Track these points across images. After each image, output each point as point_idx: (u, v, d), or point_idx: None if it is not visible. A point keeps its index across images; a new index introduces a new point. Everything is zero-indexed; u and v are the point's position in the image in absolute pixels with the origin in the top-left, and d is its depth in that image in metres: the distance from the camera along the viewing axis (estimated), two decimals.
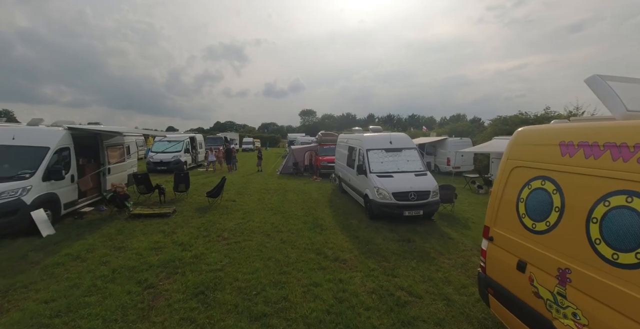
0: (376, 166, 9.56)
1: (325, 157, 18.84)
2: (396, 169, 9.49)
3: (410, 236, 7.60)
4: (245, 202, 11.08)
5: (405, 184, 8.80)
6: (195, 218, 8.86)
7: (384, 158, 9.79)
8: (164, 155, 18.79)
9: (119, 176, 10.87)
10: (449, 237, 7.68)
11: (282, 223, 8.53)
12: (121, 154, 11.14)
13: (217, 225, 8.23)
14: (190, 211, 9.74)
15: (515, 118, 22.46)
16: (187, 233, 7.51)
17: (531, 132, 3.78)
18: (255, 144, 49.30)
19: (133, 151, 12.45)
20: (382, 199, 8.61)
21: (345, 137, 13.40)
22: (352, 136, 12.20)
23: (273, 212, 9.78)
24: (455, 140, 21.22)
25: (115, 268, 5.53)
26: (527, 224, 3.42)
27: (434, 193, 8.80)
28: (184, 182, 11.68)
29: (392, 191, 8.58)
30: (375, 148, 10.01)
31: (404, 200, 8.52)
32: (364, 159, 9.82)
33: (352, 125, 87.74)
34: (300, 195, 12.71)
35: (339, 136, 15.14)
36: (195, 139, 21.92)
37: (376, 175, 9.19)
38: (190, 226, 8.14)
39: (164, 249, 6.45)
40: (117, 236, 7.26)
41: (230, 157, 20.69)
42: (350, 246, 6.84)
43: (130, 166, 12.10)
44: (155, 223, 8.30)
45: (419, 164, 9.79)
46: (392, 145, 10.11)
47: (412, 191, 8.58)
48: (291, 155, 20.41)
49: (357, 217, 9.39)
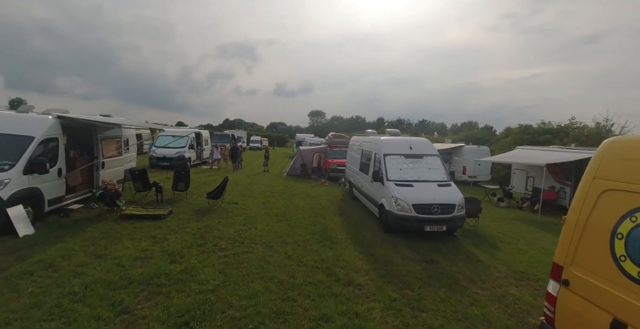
0: (394, 173, 8.61)
1: (335, 160, 17.93)
2: (417, 177, 8.53)
3: (433, 256, 6.64)
4: (248, 206, 10.21)
5: (427, 195, 7.85)
6: (192, 222, 8.01)
7: (403, 165, 8.84)
8: (168, 150, 18.05)
9: (114, 171, 10.09)
10: (477, 260, 6.71)
11: (288, 233, 7.64)
12: (118, 148, 10.36)
13: (214, 232, 7.36)
14: (188, 213, 8.89)
15: (539, 128, 21.33)
16: (180, 240, 6.65)
17: (632, 144, 2.82)
18: (262, 143, 48.53)
19: (132, 145, 11.67)
20: (401, 211, 7.66)
21: (359, 139, 12.48)
22: (367, 139, 11.27)
23: (278, 218, 8.89)
24: (472, 148, 20.15)
25: (90, 282, 4.67)
26: (631, 271, 2.47)
27: (459, 207, 7.83)
28: (184, 181, 10.86)
29: (413, 202, 7.63)
30: (394, 153, 9.06)
31: (425, 213, 7.56)
32: (381, 165, 8.89)
33: (361, 128, 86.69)
34: (307, 200, 11.81)
35: (351, 138, 14.22)
36: (200, 135, 21.18)
37: (394, 183, 8.25)
38: (185, 231, 7.28)
39: (150, 260, 5.59)
40: (101, 240, 6.43)
41: (236, 156, 19.89)
42: (365, 266, 5.91)
43: (129, 161, 11.32)
44: (146, 226, 7.47)
45: (443, 173, 8.82)
46: (412, 151, 9.16)
47: (435, 204, 7.62)
48: (299, 156, 19.54)
49: (371, 229, 8.45)
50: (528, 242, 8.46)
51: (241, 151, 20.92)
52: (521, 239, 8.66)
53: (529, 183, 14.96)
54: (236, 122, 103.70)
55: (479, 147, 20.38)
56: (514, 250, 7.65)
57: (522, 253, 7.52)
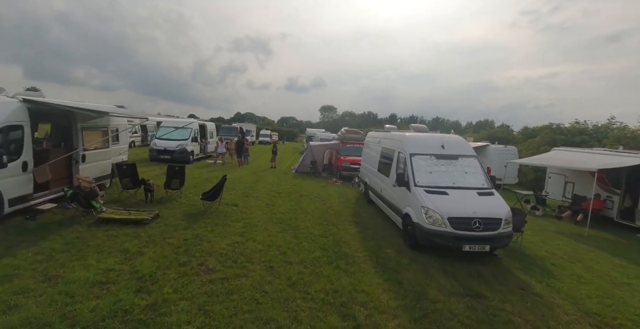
0: (423, 177, 7.14)
1: (348, 157, 16.46)
2: (451, 183, 7.04)
3: (477, 287, 5.19)
4: (250, 209, 8.88)
5: (466, 206, 6.36)
6: (180, 230, 6.70)
7: (434, 167, 7.35)
8: (169, 142, 16.85)
9: (98, 165, 8.86)
10: (533, 293, 5.23)
11: (293, 247, 6.27)
12: (105, 139, 9.12)
13: (204, 244, 6.04)
14: (177, 217, 7.60)
15: (573, 128, 19.44)
16: (158, 256, 5.34)
17: None
18: (272, 137, 47.23)
19: (123, 136, 10.43)
20: (432, 225, 6.21)
21: (377, 136, 11.00)
22: (388, 135, 9.78)
23: (282, 227, 7.53)
24: (498, 148, 18.40)
25: (17, 325, 3.39)
26: None
27: (506, 222, 6.33)
28: (178, 178, 9.58)
29: (449, 215, 6.16)
30: (422, 153, 7.57)
31: (464, 229, 6.09)
32: (406, 167, 7.42)
33: (373, 124, 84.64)
34: (317, 203, 10.43)
35: (367, 134, 12.73)
36: (205, 128, 19.93)
37: (424, 190, 6.77)
38: (168, 243, 5.98)
39: (111, 288, 4.28)
40: (60, 254, 5.16)
41: (241, 150, 18.59)
42: (392, 302, 4.50)
43: (118, 154, 10.10)
44: (123, 234, 6.19)
45: (482, 179, 7.30)
46: (444, 150, 7.65)
47: (476, 218, 6.14)
48: (309, 152, 18.13)
49: (393, 243, 7.03)
50: (586, 266, 6.92)
51: (247, 146, 19.59)
52: (576, 262, 7.12)
53: (567, 189, 13.26)
54: (247, 115, 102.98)
55: (505, 147, 18.62)
56: (573, 278, 6.13)
57: (584, 282, 6.00)
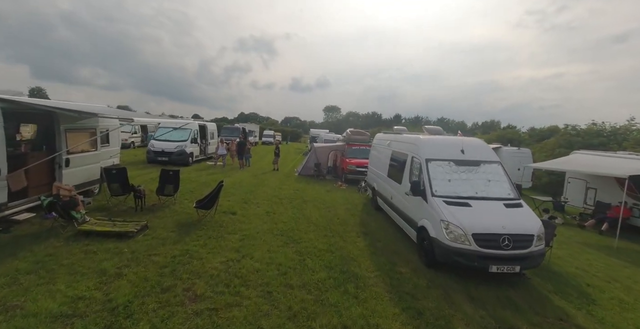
0: (441, 185, 6.37)
1: (354, 159, 15.71)
2: (473, 193, 6.27)
3: (511, 318, 4.43)
4: (248, 218, 8.16)
5: (493, 220, 5.59)
6: (168, 245, 5.99)
7: (453, 174, 6.59)
8: (167, 144, 16.19)
9: (85, 169, 8.18)
10: (575, 325, 4.46)
11: (295, 266, 5.53)
12: (92, 141, 8.44)
13: (194, 262, 5.32)
14: (168, 228, 6.90)
15: (589, 129, 18.53)
16: (138, 279, 4.62)
17: None
18: (275, 138, 46.52)
19: (114, 137, 9.75)
20: (454, 242, 5.44)
21: (386, 138, 10.24)
22: (399, 138, 9.03)
23: (283, 240, 6.80)
24: (511, 150, 17.56)
25: None
26: None
27: (538, 239, 5.55)
28: (172, 183, 8.88)
29: (473, 230, 5.39)
30: (440, 159, 6.81)
31: (491, 247, 5.32)
32: (422, 174, 6.66)
33: (377, 124, 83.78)
34: (322, 210, 9.69)
35: (376, 135, 11.97)
36: (205, 128, 19.25)
37: (443, 201, 6.01)
38: (153, 261, 5.26)
39: (76, 324, 3.57)
40: (26, 276, 4.47)
41: (242, 152, 17.89)
42: None
43: (108, 157, 9.42)
44: (103, 250, 5.49)
45: (508, 188, 6.53)
46: (464, 155, 6.88)
47: (505, 234, 5.36)
48: (313, 154, 17.40)
49: (407, 259, 6.27)
50: (624, 286, 6.12)
51: (249, 147, 18.88)
52: (612, 281, 6.32)
53: (588, 196, 12.41)
54: (251, 115, 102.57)
55: (519, 149, 17.78)
56: (614, 303, 5.35)
57: (628, 308, 5.22)
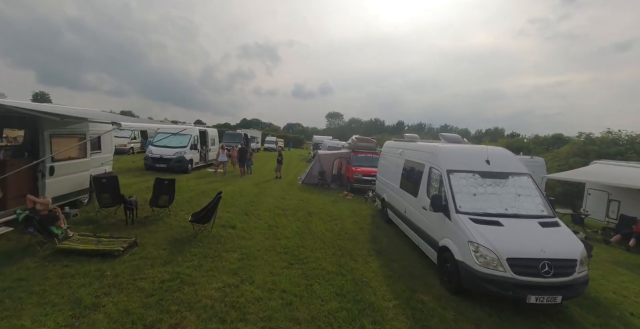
0: (466, 200, 5.67)
1: (360, 168, 15.02)
2: (502, 210, 5.56)
3: None
4: (249, 232, 7.46)
5: (529, 242, 4.88)
6: (157, 266, 5.29)
7: (479, 188, 5.89)
8: (166, 150, 15.56)
9: (72, 178, 7.52)
10: None
11: (301, 293, 4.81)
12: (81, 148, 7.80)
13: (185, 288, 4.62)
14: (159, 244, 6.20)
15: (605, 138, 17.81)
16: (118, 312, 3.92)
17: None
18: (278, 144, 45.90)
19: (107, 143, 9.11)
20: (485, 267, 4.72)
21: (398, 146, 9.56)
22: (413, 146, 8.35)
23: (287, 259, 6.09)
24: (524, 159, 16.75)
25: None
26: None
27: (581, 264, 4.83)
28: (167, 193, 8.21)
29: (508, 254, 4.67)
30: (463, 170, 6.11)
31: (530, 274, 4.59)
32: (444, 187, 5.96)
33: (380, 131, 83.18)
34: (328, 223, 8.98)
35: (385, 143, 11.30)
36: (206, 134, 18.64)
37: (469, 218, 5.30)
38: (138, 287, 4.56)
39: None
40: None
41: (244, 158, 17.23)
42: None
43: (99, 164, 8.76)
44: (83, 273, 4.80)
45: (541, 203, 5.82)
46: (490, 167, 6.19)
47: (545, 259, 4.65)
48: (317, 161, 16.71)
49: (428, 284, 5.54)
50: None
51: (250, 153, 18.22)
52: None
53: (611, 208, 11.66)
54: (253, 121, 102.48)
55: (532, 158, 17.03)
56: None
57: None
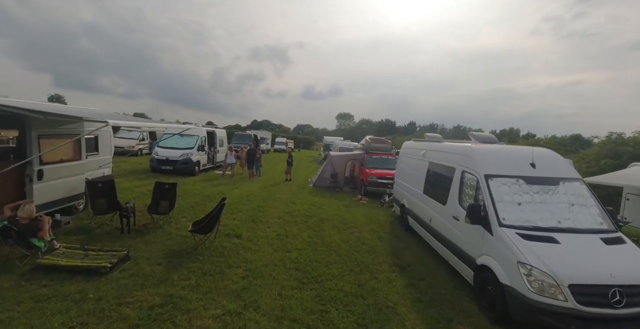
0: (510, 211, 4.80)
1: (374, 170, 14.17)
2: (554, 222, 4.67)
3: None
4: (256, 243, 6.72)
5: (594, 264, 4.00)
6: (149, 286, 4.56)
7: (524, 196, 5.00)
8: (172, 151, 14.99)
9: (64, 182, 6.89)
10: None
11: (316, 324, 4.02)
12: (75, 150, 7.19)
13: (177, 317, 3.87)
14: (154, 258, 5.50)
15: (637, 137, 16.57)
16: None
17: None
18: (288, 145, 45.26)
19: (105, 144, 8.50)
20: (540, 295, 3.85)
21: (420, 147, 8.70)
22: (440, 147, 7.49)
23: (298, 277, 5.30)
24: None
25: None
26: None
27: None
28: (168, 199, 7.55)
29: (571, 280, 3.80)
30: (504, 175, 5.23)
31: (597, 304, 3.71)
32: (482, 195, 5.10)
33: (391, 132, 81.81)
34: (342, 231, 8.18)
35: (404, 144, 10.44)
36: (214, 135, 18.04)
37: (516, 233, 4.44)
38: (122, 315, 3.84)
39: None
40: None
41: (253, 160, 16.55)
42: None
43: (97, 167, 8.15)
44: (62, 295, 4.11)
45: (598, 215, 4.90)
46: (536, 171, 5.30)
47: (615, 286, 3.76)
48: (329, 163, 15.93)
49: (464, 310, 4.68)
50: None
51: (259, 155, 17.53)
52: None
53: None
54: (263, 123, 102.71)
55: None
56: None
57: None
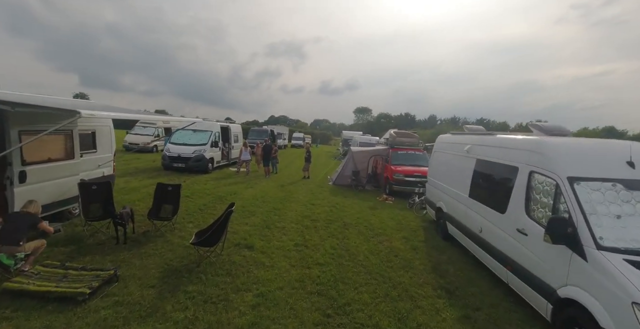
0: (608, 226, 3.52)
1: (400, 167, 12.87)
2: None
3: None
4: (270, 255, 5.69)
5: None
6: (133, 323, 3.58)
7: (624, 207, 3.70)
8: (184, 148, 14.23)
9: (53, 185, 6.04)
10: None
11: None
12: (66, 147, 6.34)
13: None
14: (147, 279, 4.54)
15: None
16: None
17: None
18: (305, 140, 44.25)
19: (105, 141, 7.64)
20: None
21: (462, 141, 7.40)
22: (492, 141, 6.17)
23: (321, 308, 4.22)
24: None
25: None
26: None
27: None
28: (171, 203, 6.63)
29: None
30: (594, 178, 3.94)
31: None
32: (567, 205, 3.83)
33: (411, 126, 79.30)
34: (371, 240, 7.05)
35: (439, 137, 9.14)
36: (229, 130, 17.17)
37: (624, 259, 3.19)
38: None
39: None
40: None
41: (269, 157, 15.58)
42: None
43: (94, 167, 7.30)
44: None
45: None
46: (637, 172, 3.98)
47: None
48: (350, 160, 14.73)
49: None
50: None
51: (275, 151, 16.54)
52: None
53: None
54: (281, 118, 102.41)
55: None
56: None
57: None
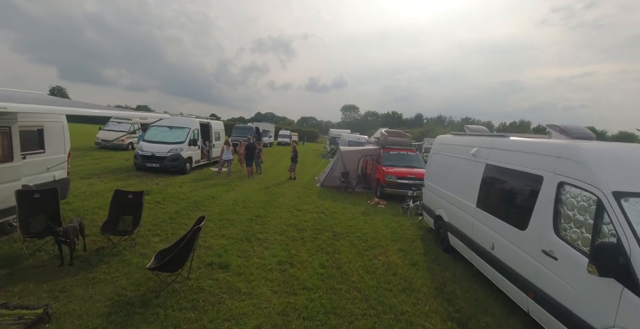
0: None
1: (392, 168, 12.13)
2: None
3: None
4: (248, 279, 4.78)
5: None
6: None
7: None
8: (159, 146, 13.05)
9: None
10: None
11: None
12: (2, 147, 5.24)
13: None
14: (87, 319, 3.56)
15: None
16: None
17: None
18: (291, 138, 43.24)
19: (55, 139, 6.54)
20: None
21: (467, 143, 6.59)
22: (507, 144, 5.37)
23: None
24: None
25: None
26: None
27: None
28: (131, 213, 5.62)
29: None
30: None
31: None
32: (614, 226, 3.07)
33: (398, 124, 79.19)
34: (364, 255, 6.22)
35: (437, 138, 8.38)
36: (209, 127, 16.04)
37: None
38: None
39: None
40: None
41: (252, 156, 14.56)
42: None
43: (43, 169, 6.20)
44: None
45: None
46: None
47: None
48: (339, 160, 13.87)
49: None
50: None
51: (259, 150, 15.53)
52: None
53: None
54: (267, 115, 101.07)
55: None
56: None
57: None
